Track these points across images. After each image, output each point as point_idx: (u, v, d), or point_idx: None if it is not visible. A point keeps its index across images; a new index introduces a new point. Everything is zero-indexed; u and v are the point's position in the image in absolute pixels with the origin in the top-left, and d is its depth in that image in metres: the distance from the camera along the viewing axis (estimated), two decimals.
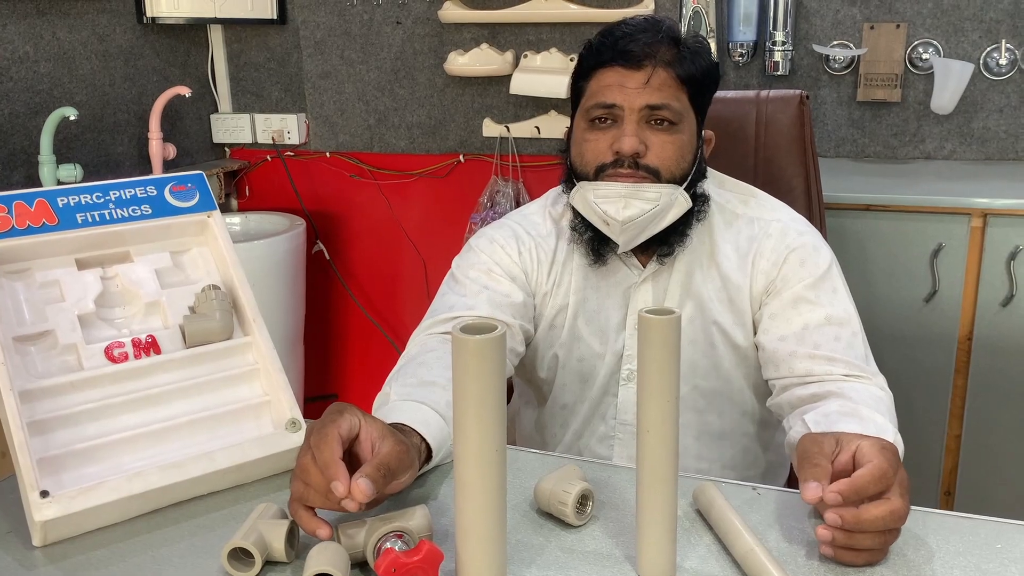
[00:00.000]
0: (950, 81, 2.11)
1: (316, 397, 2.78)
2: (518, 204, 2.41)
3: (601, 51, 1.15)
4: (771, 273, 1.17)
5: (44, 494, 0.81)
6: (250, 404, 0.96)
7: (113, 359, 0.93)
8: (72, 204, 0.96)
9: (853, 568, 0.77)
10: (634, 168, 1.13)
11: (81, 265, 0.97)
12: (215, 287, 0.99)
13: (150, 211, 1.00)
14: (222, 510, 0.88)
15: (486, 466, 0.70)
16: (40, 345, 0.91)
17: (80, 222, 0.96)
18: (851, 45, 2.23)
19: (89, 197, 0.98)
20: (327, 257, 2.70)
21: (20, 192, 0.94)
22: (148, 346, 0.95)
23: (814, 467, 0.80)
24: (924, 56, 2.20)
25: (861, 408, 0.98)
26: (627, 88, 1.12)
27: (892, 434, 0.95)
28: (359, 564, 0.77)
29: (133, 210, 0.99)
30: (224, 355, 0.97)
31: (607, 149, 1.14)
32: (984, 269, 1.83)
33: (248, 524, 0.79)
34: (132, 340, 0.95)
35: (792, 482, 1.32)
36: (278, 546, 0.77)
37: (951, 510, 0.93)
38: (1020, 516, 0.86)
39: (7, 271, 0.93)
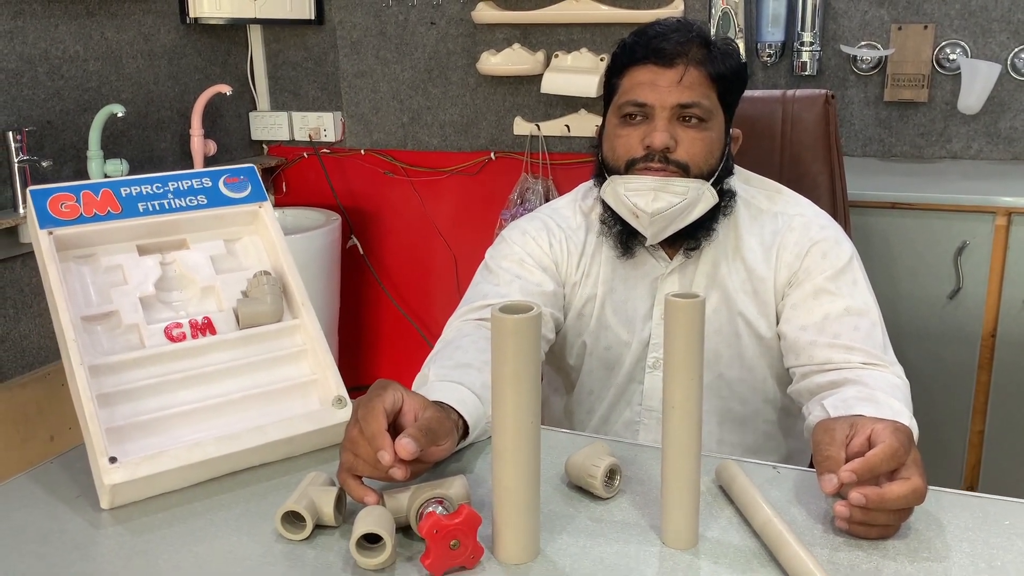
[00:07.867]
0: (977, 82, 2.13)
1: (349, 388, 2.84)
2: (547, 201, 2.45)
3: (635, 49, 1.19)
4: (794, 265, 1.21)
5: (112, 460, 0.88)
6: (298, 382, 1.02)
7: (172, 338, 0.99)
8: (134, 194, 1.03)
9: (868, 541, 0.82)
10: (664, 163, 1.17)
11: (142, 251, 1.04)
12: (266, 273, 1.05)
13: (205, 201, 1.07)
14: (273, 480, 0.94)
15: (522, 436, 0.75)
16: (105, 324, 0.98)
17: (141, 211, 1.03)
18: (879, 46, 2.26)
19: (150, 188, 1.04)
20: (361, 252, 2.77)
21: (87, 183, 1.02)
22: (204, 327, 1.02)
23: (826, 459, 0.85)
24: (951, 57, 2.22)
25: (877, 394, 1.02)
26: (659, 86, 1.17)
27: (907, 418, 0.99)
28: (402, 529, 0.83)
29: (190, 200, 1.06)
30: (274, 336, 1.04)
31: (638, 144, 1.18)
32: (1008, 267, 1.85)
33: (300, 490, 0.85)
34: (189, 321, 1.01)
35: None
36: (328, 511, 0.83)
37: None
38: None
39: (75, 256, 1.00)
